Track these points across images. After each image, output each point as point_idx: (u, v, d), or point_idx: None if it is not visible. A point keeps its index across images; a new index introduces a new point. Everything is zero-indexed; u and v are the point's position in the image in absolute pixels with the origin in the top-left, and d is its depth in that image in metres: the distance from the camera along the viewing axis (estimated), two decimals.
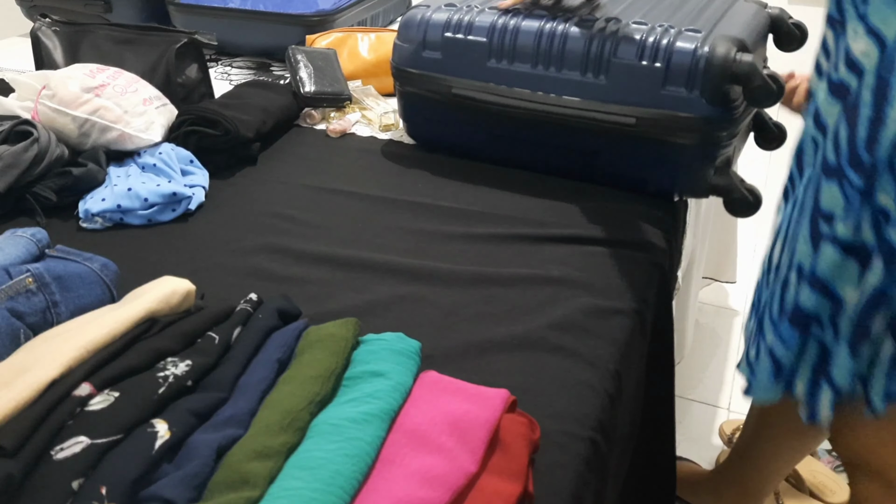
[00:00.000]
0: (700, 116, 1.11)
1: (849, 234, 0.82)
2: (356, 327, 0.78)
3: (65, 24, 1.48)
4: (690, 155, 1.14)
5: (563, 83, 1.16)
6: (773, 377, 0.93)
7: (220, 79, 1.68)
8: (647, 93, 1.12)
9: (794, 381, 0.92)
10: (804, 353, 0.90)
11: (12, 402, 0.63)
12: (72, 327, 0.76)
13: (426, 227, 1.11)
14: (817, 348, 0.89)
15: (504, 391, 0.73)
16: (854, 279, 0.83)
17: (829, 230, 0.84)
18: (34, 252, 0.89)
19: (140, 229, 1.11)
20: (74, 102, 1.17)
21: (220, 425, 0.67)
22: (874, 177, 0.79)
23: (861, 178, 0.80)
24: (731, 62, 1.09)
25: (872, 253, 0.81)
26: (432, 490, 0.62)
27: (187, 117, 1.26)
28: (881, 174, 0.78)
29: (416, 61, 1.26)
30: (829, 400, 0.88)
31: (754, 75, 1.07)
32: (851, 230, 0.81)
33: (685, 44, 1.11)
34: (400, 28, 1.28)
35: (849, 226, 0.82)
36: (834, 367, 0.86)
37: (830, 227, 0.84)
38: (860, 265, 0.82)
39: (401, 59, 1.28)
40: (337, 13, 1.78)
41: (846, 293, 0.84)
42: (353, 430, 0.65)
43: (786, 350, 0.91)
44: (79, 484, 0.59)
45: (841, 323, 0.86)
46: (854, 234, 0.81)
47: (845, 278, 0.84)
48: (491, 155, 1.29)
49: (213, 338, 0.76)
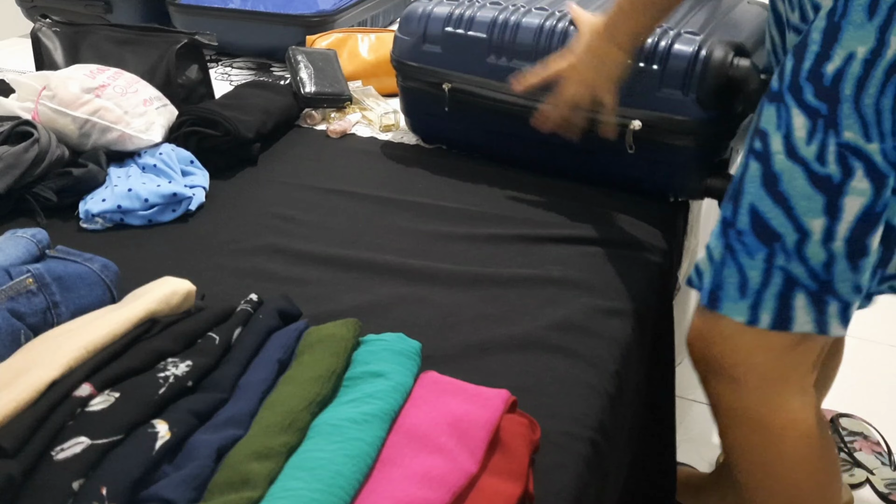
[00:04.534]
0: (696, 120, 1.10)
1: (813, 158, 0.86)
2: (356, 328, 0.78)
3: (65, 24, 1.48)
4: (686, 157, 1.14)
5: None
6: (739, 291, 0.93)
7: (220, 79, 1.68)
8: (643, 95, 1.12)
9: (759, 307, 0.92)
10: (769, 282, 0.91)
11: (13, 402, 0.63)
12: (72, 328, 0.76)
13: (426, 227, 1.11)
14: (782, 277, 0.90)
15: (504, 391, 0.73)
16: (819, 210, 0.86)
17: (760, 146, 0.90)
18: (34, 253, 0.89)
19: (140, 230, 1.11)
20: (75, 103, 1.17)
21: (221, 426, 0.67)
22: (837, 109, 0.84)
23: (826, 105, 0.84)
24: (728, 67, 1.08)
25: (843, 182, 0.85)
26: (432, 490, 0.62)
27: (187, 118, 1.26)
28: (842, 109, 0.83)
29: (417, 55, 1.26)
30: (837, 312, 0.90)
31: (751, 80, 1.07)
32: (814, 156, 0.86)
33: (683, 46, 1.10)
34: (401, 21, 1.28)
35: (812, 151, 0.86)
36: (837, 283, 0.89)
37: (762, 144, 0.90)
38: (825, 196, 0.86)
39: (401, 53, 1.28)
40: (337, 14, 1.78)
41: (811, 223, 0.87)
42: (353, 430, 0.65)
43: (752, 261, 0.91)
44: (79, 484, 0.59)
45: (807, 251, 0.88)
46: (820, 162, 0.85)
47: (811, 209, 0.87)
48: (489, 151, 1.29)
49: (214, 338, 0.76)
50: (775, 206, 0.89)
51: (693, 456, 1.59)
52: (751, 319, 0.93)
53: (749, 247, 0.91)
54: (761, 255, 0.91)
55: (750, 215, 0.91)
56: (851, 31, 0.82)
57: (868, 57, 0.81)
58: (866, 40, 0.81)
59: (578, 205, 1.16)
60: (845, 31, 0.82)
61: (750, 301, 0.93)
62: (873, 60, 0.81)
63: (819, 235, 0.88)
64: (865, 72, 0.82)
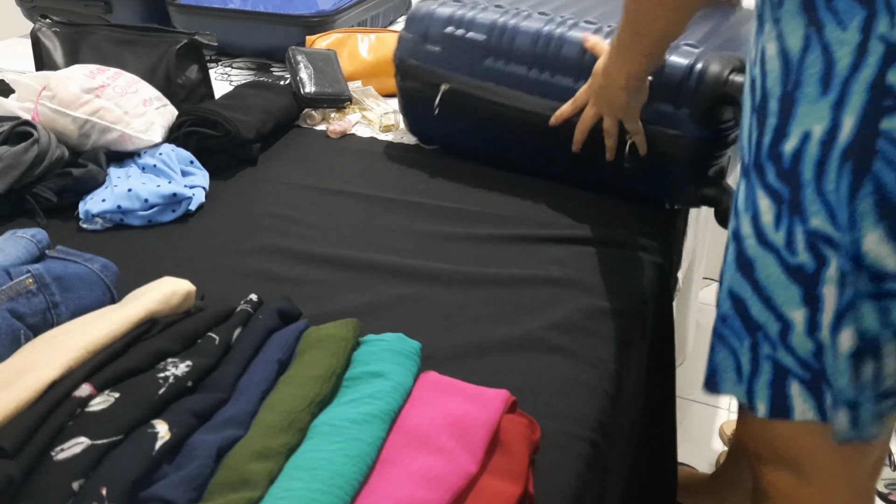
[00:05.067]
0: (688, 136, 1.07)
1: (783, 246, 0.78)
2: (356, 328, 0.78)
3: (65, 24, 1.48)
4: (680, 167, 1.11)
5: (556, 89, 1.14)
6: (737, 374, 0.87)
7: (220, 79, 1.68)
8: None
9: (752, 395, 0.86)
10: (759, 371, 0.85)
11: (12, 402, 0.63)
12: (72, 328, 0.76)
13: (426, 227, 1.11)
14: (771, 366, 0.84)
15: (504, 392, 0.73)
16: (798, 301, 0.79)
17: (735, 226, 0.85)
18: (34, 253, 0.89)
19: (140, 230, 1.11)
20: (74, 103, 1.17)
21: (221, 426, 0.67)
22: (800, 194, 0.76)
23: (788, 189, 0.77)
24: (723, 83, 1.04)
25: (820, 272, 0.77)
26: (432, 491, 0.62)
27: (187, 118, 1.26)
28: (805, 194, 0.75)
29: (417, 54, 1.25)
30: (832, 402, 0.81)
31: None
32: (783, 243, 0.78)
33: (679, 59, 1.08)
34: (407, 20, 1.28)
35: (780, 238, 0.79)
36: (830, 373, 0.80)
37: (736, 224, 0.84)
38: (801, 287, 0.79)
39: (403, 52, 1.28)
40: (337, 14, 1.78)
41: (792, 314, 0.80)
42: (353, 430, 0.65)
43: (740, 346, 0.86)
44: (79, 485, 0.59)
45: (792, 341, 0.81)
46: (790, 252, 0.78)
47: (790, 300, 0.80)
48: (485, 154, 1.29)
49: (214, 338, 0.76)
50: (753, 294, 0.82)
51: (693, 456, 1.59)
52: (749, 405, 0.87)
53: (736, 332, 0.86)
54: (747, 343, 0.85)
55: (731, 301, 0.85)
56: (805, 107, 0.74)
57: (824, 138, 0.73)
58: (821, 119, 0.73)
59: (578, 205, 1.16)
60: (799, 104, 0.74)
61: (745, 387, 0.87)
62: (829, 142, 0.72)
63: (802, 327, 0.80)
64: (823, 154, 0.73)
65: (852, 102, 0.71)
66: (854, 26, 0.69)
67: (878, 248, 0.74)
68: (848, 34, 0.70)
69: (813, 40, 0.72)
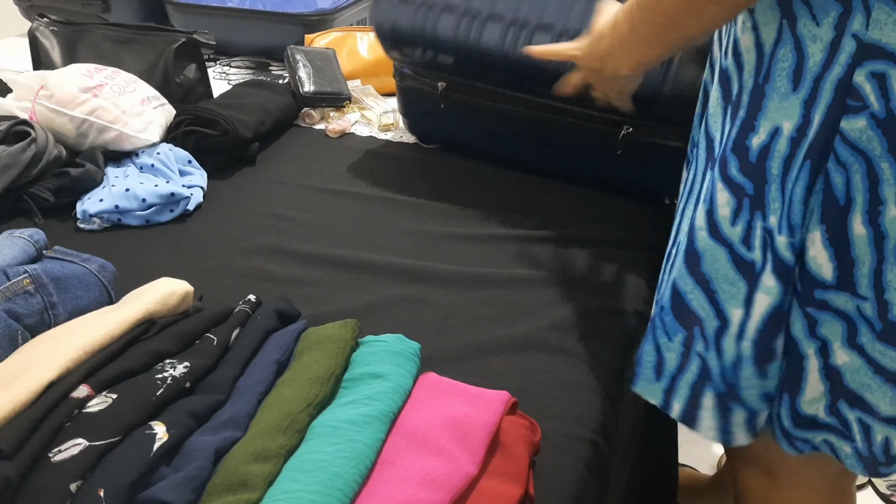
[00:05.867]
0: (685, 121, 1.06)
1: (738, 241, 0.75)
2: (355, 329, 0.78)
3: (62, 23, 1.48)
4: (678, 159, 1.08)
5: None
6: (654, 372, 0.83)
7: (218, 78, 1.68)
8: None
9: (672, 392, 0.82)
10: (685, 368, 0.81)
11: (10, 404, 0.63)
12: (70, 329, 0.75)
13: (426, 227, 1.11)
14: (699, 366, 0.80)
15: (504, 393, 0.72)
16: (741, 299, 0.76)
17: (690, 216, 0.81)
18: (32, 253, 0.89)
19: (138, 230, 1.11)
20: (72, 103, 1.17)
21: (219, 427, 0.66)
22: (764, 189, 0.73)
23: (752, 184, 0.74)
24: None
25: (761, 272, 0.74)
26: (432, 492, 0.61)
27: (185, 117, 1.26)
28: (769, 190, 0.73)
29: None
30: (743, 420, 0.79)
31: None
32: (739, 238, 0.75)
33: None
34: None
35: (737, 232, 0.75)
36: (743, 389, 0.77)
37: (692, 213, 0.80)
38: (748, 285, 0.75)
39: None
40: (336, 12, 1.78)
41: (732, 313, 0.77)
42: (352, 432, 0.64)
43: (669, 342, 0.82)
44: (77, 486, 0.59)
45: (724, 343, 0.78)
46: (746, 246, 0.75)
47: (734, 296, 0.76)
48: (482, 152, 1.29)
49: (212, 339, 0.75)
50: (696, 287, 0.79)
51: (694, 457, 1.59)
52: (663, 405, 0.83)
53: (667, 325, 0.81)
54: (679, 338, 0.81)
55: (671, 291, 0.81)
56: (776, 101, 0.71)
57: (794, 135, 0.70)
58: (792, 115, 0.70)
59: (578, 204, 1.16)
60: (769, 98, 0.71)
61: (664, 384, 0.83)
62: (798, 139, 0.70)
63: (735, 328, 0.76)
64: (791, 151, 0.70)
65: (822, 100, 0.69)
66: (828, 22, 0.67)
67: (818, 252, 0.72)
68: (821, 30, 0.67)
69: (786, 33, 0.70)
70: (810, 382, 0.76)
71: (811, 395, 0.77)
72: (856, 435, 0.77)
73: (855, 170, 0.68)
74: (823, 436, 0.79)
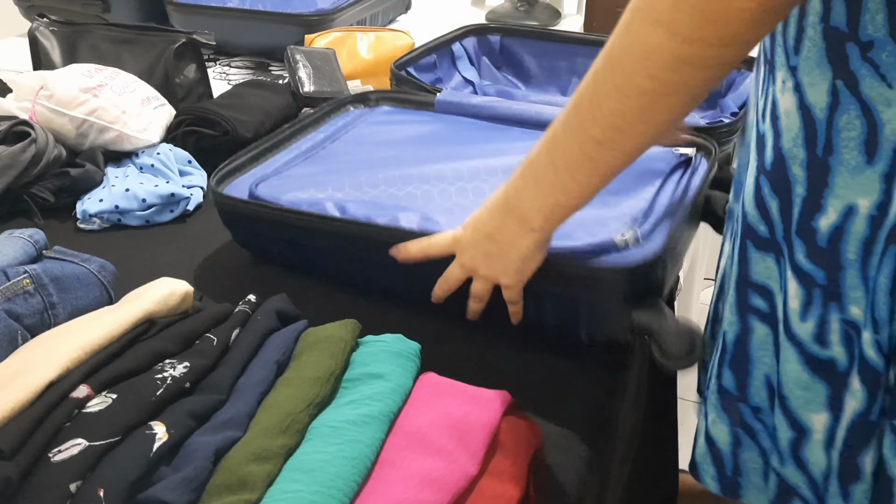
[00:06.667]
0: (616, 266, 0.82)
1: (810, 338, 0.67)
2: (355, 329, 0.78)
3: (63, 24, 1.48)
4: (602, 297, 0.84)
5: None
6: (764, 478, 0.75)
7: (218, 79, 1.68)
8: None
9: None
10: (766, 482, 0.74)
11: (10, 404, 0.63)
12: (69, 329, 0.75)
13: None
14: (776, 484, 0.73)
15: (504, 393, 0.72)
16: (821, 402, 0.67)
17: (764, 304, 0.71)
18: (31, 253, 0.89)
19: (138, 230, 1.11)
20: (72, 103, 1.17)
21: (219, 427, 0.66)
22: (839, 277, 0.64)
23: (823, 273, 0.65)
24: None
25: (848, 373, 0.65)
26: (432, 492, 0.61)
27: (185, 117, 1.26)
28: (846, 277, 0.64)
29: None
30: None
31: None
32: (811, 335, 0.66)
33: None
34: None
35: (808, 329, 0.66)
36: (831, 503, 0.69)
37: (768, 303, 0.71)
38: (829, 386, 0.67)
39: None
40: (336, 12, 1.78)
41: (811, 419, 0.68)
42: (352, 432, 0.64)
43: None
44: (76, 486, 0.59)
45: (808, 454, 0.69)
46: (819, 344, 0.66)
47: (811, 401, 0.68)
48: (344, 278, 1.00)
49: (212, 339, 0.75)
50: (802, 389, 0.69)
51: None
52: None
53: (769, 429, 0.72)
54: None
55: (767, 390, 0.71)
56: (847, 177, 0.61)
57: (874, 213, 0.61)
58: (869, 191, 0.60)
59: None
60: (836, 174, 0.62)
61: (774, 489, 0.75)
62: (879, 219, 0.61)
63: (822, 435, 0.67)
64: (872, 233, 0.61)
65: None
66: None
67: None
68: (895, 93, 0.58)
69: (844, 96, 0.60)
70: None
71: None
72: None
73: None
74: None
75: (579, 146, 0.66)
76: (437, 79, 1.47)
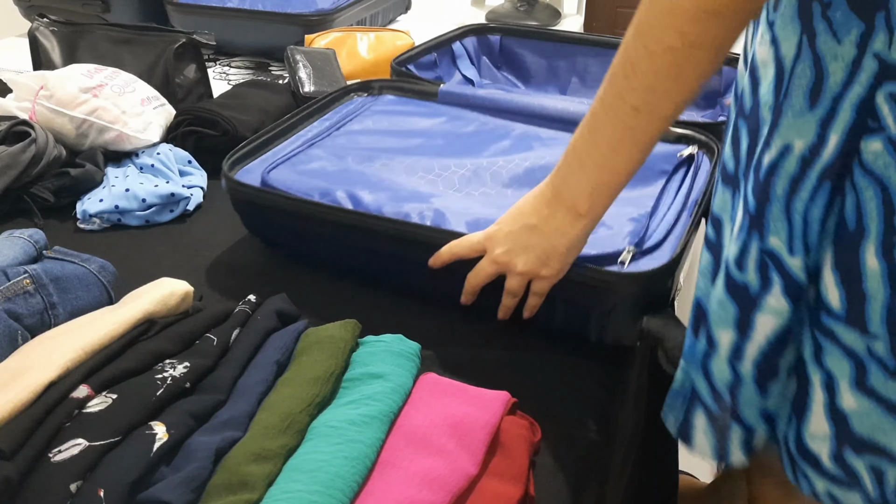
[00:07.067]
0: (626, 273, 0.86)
1: (733, 261, 0.71)
2: (355, 329, 0.78)
3: (63, 24, 1.48)
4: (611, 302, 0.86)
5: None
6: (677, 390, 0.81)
7: (218, 79, 1.68)
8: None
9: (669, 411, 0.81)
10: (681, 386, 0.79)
11: (10, 404, 0.63)
12: (69, 329, 0.75)
13: None
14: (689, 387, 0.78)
15: (504, 393, 0.72)
16: (730, 322, 0.72)
17: (713, 234, 0.77)
18: (32, 253, 0.89)
19: (138, 230, 1.11)
20: (72, 103, 1.17)
21: (219, 427, 0.66)
22: (765, 209, 0.69)
23: (755, 203, 0.70)
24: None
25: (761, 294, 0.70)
26: (432, 492, 0.61)
27: (185, 117, 1.26)
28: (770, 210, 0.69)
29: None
30: (739, 439, 0.76)
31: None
32: (734, 258, 0.71)
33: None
34: None
35: (733, 252, 0.71)
36: (743, 406, 0.74)
37: (716, 233, 0.77)
38: (739, 308, 0.72)
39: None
40: (336, 12, 1.78)
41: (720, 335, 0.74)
42: (352, 432, 0.64)
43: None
44: (77, 486, 0.59)
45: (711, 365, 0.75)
46: (738, 267, 0.71)
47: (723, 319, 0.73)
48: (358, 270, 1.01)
49: (212, 339, 0.75)
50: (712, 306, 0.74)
51: (695, 458, 1.59)
52: (664, 418, 0.82)
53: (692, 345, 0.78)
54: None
55: (695, 312, 0.77)
56: (790, 119, 0.67)
57: (805, 154, 0.66)
58: (805, 133, 0.66)
59: None
60: (784, 115, 0.67)
61: (668, 399, 0.82)
62: (810, 159, 0.66)
63: (726, 351, 0.73)
64: (801, 171, 0.67)
65: (839, 119, 0.65)
66: (850, 40, 0.63)
67: (827, 274, 0.68)
68: (843, 48, 0.64)
69: (805, 50, 0.66)
70: (815, 413, 0.72)
71: (815, 430, 0.73)
72: (866, 484, 0.72)
73: (869, 196, 0.64)
74: (826, 485, 0.74)
75: (619, 117, 0.71)
76: (437, 77, 1.49)
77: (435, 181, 0.99)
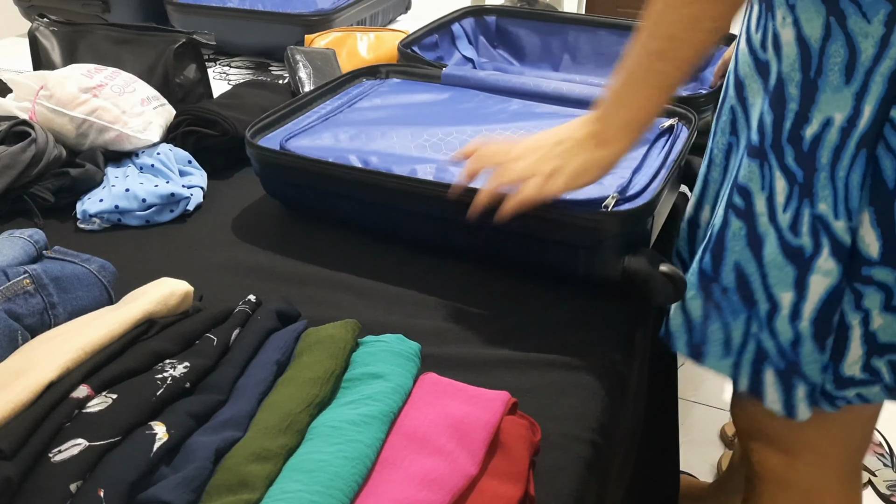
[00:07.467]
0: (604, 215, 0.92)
1: (787, 227, 0.82)
2: (356, 329, 0.78)
3: (63, 24, 1.48)
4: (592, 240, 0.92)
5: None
6: (724, 348, 0.90)
7: (218, 79, 1.68)
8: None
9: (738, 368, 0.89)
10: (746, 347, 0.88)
11: (10, 404, 0.63)
12: (69, 329, 0.75)
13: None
14: (755, 346, 0.87)
15: (504, 393, 0.72)
16: (789, 283, 0.83)
17: (742, 203, 0.86)
18: (32, 253, 0.89)
19: (138, 230, 1.11)
20: (72, 103, 1.17)
21: (219, 427, 0.66)
22: (813, 178, 0.79)
23: (802, 173, 0.80)
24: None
25: (814, 257, 0.81)
26: (432, 492, 0.61)
27: (185, 117, 1.26)
28: (818, 178, 0.79)
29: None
30: (805, 394, 0.86)
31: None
32: (788, 224, 0.82)
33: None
34: None
35: (786, 219, 0.82)
36: (805, 365, 0.84)
37: (745, 202, 0.85)
38: (797, 269, 0.82)
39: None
40: (336, 12, 1.78)
41: (781, 296, 0.84)
42: (352, 432, 0.64)
43: (734, 321, 0.88)
44: (77, 486, 0.59)
45: (776, 325, 0.85)
46: (793, 233, 0.82)
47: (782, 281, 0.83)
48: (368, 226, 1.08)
49: (212, 339, 0.75)
50: (757, 271, 0.85)
51: (695, 458, 1.59)
52: (733, 378, 0.90)
53: (734, 305, 0.88)
54: (742, 317, 0.87)
55: (735, 273, 0.87)
56: (829, 94, 0.76)
57: (844, 125, 0.76)
58: (843, 107, 0.76)
59: None
60: (822, 92, 0.77)
61: (732, 360, 0.90)
62: (849, 130, 0.76)
63: (787, 311, 0.84)
64: (841, 141, 0.76)
65: (872, 92, 0.74)
66: (878, 19, 0.72)
67: (867, 231, 0.79)
68: (872, 27, 0.73)
69: (835, 29, 0.75)
70: (852, 349, 0.84)
71: (852, 360, 0.85)
72: (885, 376, 0.85)
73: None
74: (857, 390, 0.87)
75: (646, 59, 0.80)
76: (438, 57, 1.57)
77: (438, 145, 1.08)
